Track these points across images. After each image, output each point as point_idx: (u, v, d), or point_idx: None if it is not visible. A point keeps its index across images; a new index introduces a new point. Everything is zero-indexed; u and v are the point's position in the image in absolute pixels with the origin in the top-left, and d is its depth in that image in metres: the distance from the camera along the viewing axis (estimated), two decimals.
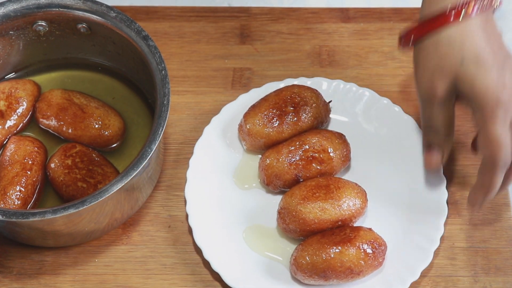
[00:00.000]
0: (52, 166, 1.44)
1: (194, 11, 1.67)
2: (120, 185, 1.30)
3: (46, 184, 1.46)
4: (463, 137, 1.53)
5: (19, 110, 1.49)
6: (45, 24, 1.48)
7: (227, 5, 1.73)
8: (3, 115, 1.48)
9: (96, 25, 1.46)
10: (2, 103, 1.48)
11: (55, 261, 1.43)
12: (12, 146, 1.45)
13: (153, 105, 1.49)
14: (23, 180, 1.41)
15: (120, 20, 1.43)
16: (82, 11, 1.45)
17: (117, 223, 1.44)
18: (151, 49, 1.41)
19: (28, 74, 1.55)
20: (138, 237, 1.45)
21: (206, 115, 1.55)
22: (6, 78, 1.54)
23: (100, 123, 1.47)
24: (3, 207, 1.38)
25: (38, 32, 1.49)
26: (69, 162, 1.43)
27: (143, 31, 1.42)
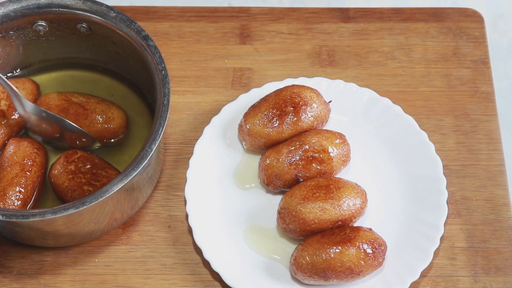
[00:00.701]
0: (55, 173, 1.44)
1: (194, 11, 1.67)
2: (120, 185, 1.30)
3: (46, 185, 1.46)
4: (463, 137, 1.54)
5: None
6: (45, 24, 1.48)
7: (227, 5, 1.73)
8: (4, 114, 1.48)
9: (96, 25, 1.46)
10: (3, 102, 1.48)
11: (55, 261, 1.43)
12: (11, 148, 1.45)
13: (153, 105, 1.49)
14: (23, 181, 1.41)
15: (120, 20, 1.43)
16: (82, 11, 1.44)
17: (117, 223, 1.44)
18: (151, 49, 1.41)
19: (28, 74, 1.55)
20: (138, 237, 1.45)
21: (206, 115, 1.55)
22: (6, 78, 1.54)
23: (104, 116, 1.47)
24: (2, 207, 1.38)
25: (38, 32, 1.49)
26: (72, 167, 1.43)
27: (143, 31, 1.42)
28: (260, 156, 1.48)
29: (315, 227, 1.38)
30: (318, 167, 1.43)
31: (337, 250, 1.34)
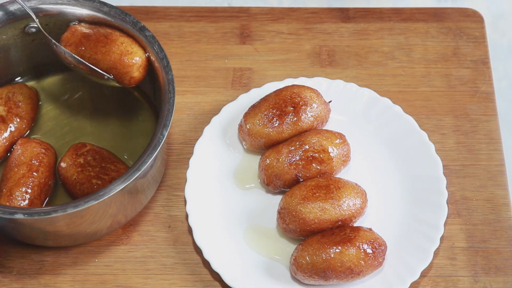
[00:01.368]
0: (63, 165, 1.43)
1: (194, 11, 1.67)
2: (123, 185, 1.29)
3: (56, 186, 1.45)
4: (463, 137, 1.54)
5: (20, 114, 1.48)
6: (36, 26, 1.45)
7: (227, 5, 1.73)
8: (4, 120, 1.47)
9: (89, 22, 1.44)
10: (1, 108, 1.47)
11: (55, 261, 1.43)
12: (19, 148, 1.43)
13: (155, 101, 1.48)
14: (30, 181, 1.40)
15: (114, 14, 1.41)
16: (72, 7, 1.42)
17: (118, 226, 1.43)
18: (149, 39, 1.39)
19: (28, 79, 1.54)
20: (138, 237, 1.45)
21: (206, 115, 1.55)
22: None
23: (123, 48, 1.40)
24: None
25: (29, 35, 1.47)
26: (81, 160, 1.42)
27: (139, 22, 1.40)
28: (260, 156, 1.48)
29: (315, 227, 1.38)
30: (318, 167, 1.43)
31: (337, 250, 1.34)
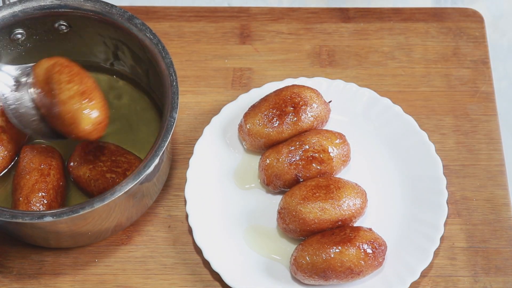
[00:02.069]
0: (74, 165, 1.42)
1: (194, 11, 1.67)
2: (148, 167, 1.28)
3: (68, 187, 1.44)
4: (463, 137, 1.54)
5: None
6: (22, 31, 1.43)
7: (227, 5, 1.73)
8: (4, 130, 1.46)
9: (75, 19, 1.42)
10: (0, 119, 1.47)
11: (55, 261, 1.43)
12: (26, 155, 1.43)
13: (154, 97, 1.48)
14: (44, 185, 1.40)
15: (99, 7, 1.39)
16: (58, 8, 1.41)
17: (120, 228, 1.43)
18: (139, 26, 1.38)
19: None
20: (138, 237, 1.45)
21: (206, 115, 1.55)
22: None
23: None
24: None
25: (16, 41, 1.45)
26: (90, 157, 1.42)
27: (126, 12, 1.38)
28: (260, 156, 1.48)
29: (315, 227, 1.38)
30: (318, 167, 1.43)
31: (337, 250, 1.34)
